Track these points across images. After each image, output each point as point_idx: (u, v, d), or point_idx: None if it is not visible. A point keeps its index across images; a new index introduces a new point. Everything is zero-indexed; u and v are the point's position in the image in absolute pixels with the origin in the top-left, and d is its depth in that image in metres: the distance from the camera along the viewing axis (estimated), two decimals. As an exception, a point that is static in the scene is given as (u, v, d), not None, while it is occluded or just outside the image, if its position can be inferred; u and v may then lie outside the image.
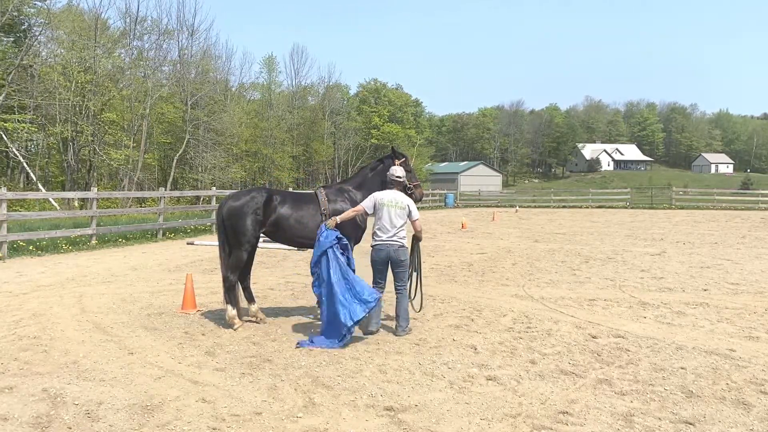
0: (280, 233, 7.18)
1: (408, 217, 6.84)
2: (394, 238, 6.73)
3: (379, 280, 6.93)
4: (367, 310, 6.35)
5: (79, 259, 13.41)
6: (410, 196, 7.23)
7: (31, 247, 14.30)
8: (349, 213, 6.85)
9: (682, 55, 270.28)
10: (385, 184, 7.11)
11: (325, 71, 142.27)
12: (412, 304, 7.26)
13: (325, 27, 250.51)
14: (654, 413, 4.53)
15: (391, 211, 6.73)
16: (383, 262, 6.80)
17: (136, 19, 38.25)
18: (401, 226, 6.77)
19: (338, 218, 6.77)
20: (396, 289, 6.91)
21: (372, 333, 6.79)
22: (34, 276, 10.88)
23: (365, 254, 7.20)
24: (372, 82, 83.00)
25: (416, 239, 7.21)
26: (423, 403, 4.71)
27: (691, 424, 4.34)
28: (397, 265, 6.81)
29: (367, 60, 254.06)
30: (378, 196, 6.85)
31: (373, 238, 6.85)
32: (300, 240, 7.26)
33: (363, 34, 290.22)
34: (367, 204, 6.84)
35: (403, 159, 7.44)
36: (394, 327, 6.92)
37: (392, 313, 7.24)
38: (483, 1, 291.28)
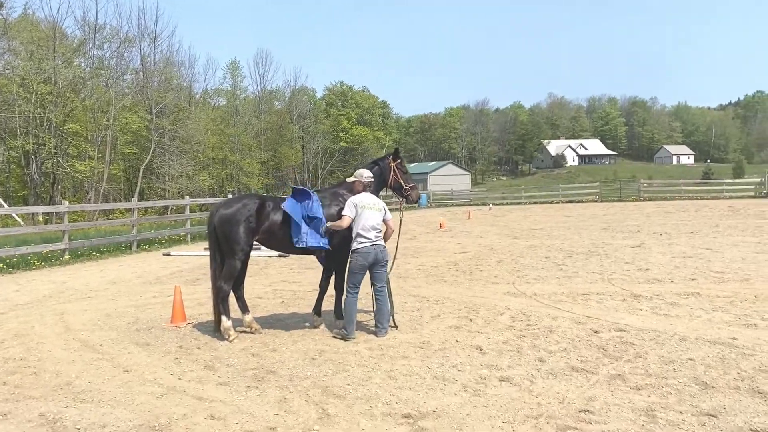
0: (274, 240, 6.99)
1: (383, 218, 6.84)
2: (379, 240, 6.74)
3: (356, 284, 6.79)
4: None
5: (54, 275, 12.95)
6: (407, 197, 7.32)
7: (1, 265, 13.76)
8: (339, 223, 6.71)
9: (640, 49, 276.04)
10: (380, 185, 7.13)
11: (291, 75, 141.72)
12: (394, 319, 7.20)
13: (288, 31, 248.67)
14: (674, 407, 4.49)
15: (371, 213, 6.70)
16: (368, 265, 6.72)
17: (95, 27, 37.37)
18: (380, 228, 6.78)
19: (329, 225, 6.73)
20: (377, 291, 6.86)
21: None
22: (9, 294, 10.45)
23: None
24: (338, 85, 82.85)
25: None
26: (441, 409, 4.59)
27: (713, 416, 4.31)
28: (381, 265, 6.80)
29: (332, 63, 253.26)
30: (356, 199, 6.76)
31: (356, 242, 6.71)
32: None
33: (327, 38, 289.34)
34: (348, 211, 6.70)
35: (399, 160, 7.34)
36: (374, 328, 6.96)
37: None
38: (444, 0, 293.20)
